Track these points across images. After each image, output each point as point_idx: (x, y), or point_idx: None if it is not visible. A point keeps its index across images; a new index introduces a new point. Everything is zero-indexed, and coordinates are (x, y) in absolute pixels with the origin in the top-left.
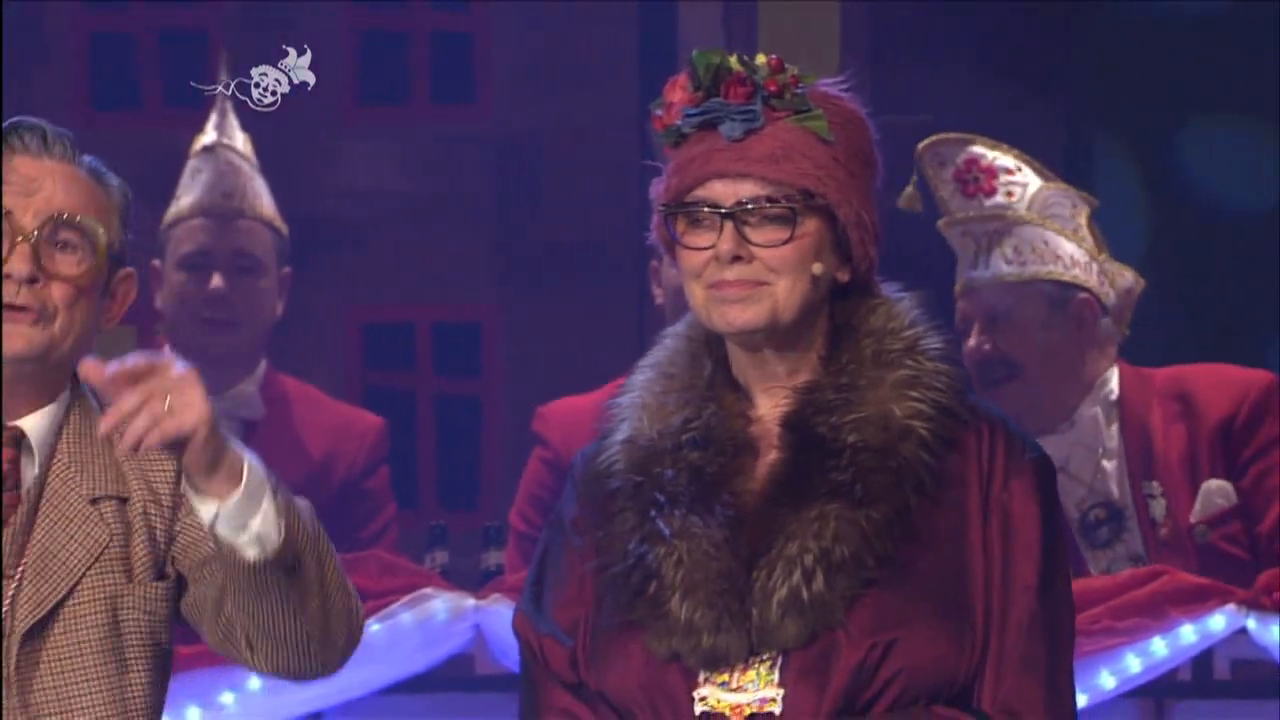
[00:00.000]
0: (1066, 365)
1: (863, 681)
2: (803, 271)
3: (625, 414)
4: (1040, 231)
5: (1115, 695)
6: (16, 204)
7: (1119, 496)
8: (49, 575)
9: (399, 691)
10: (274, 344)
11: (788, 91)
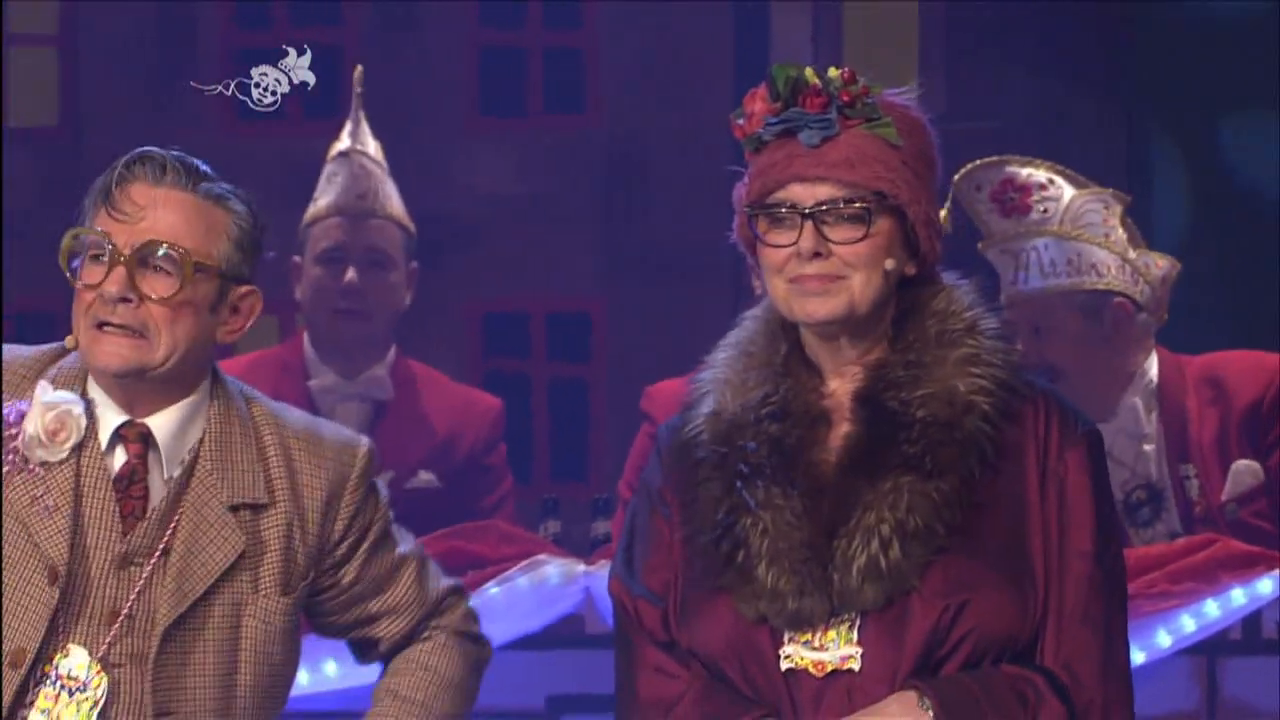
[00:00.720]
0: (1105, 365)
1: (936, 641)
2: (876, 267)
3: (708, 389)
4: (1073, 245)
5: (1171, 652)
6: (121, 230)
7: (1158, 478)
8: (190, 575)
9: (515, 649)
10: (402, 332)
11: (859, 101)
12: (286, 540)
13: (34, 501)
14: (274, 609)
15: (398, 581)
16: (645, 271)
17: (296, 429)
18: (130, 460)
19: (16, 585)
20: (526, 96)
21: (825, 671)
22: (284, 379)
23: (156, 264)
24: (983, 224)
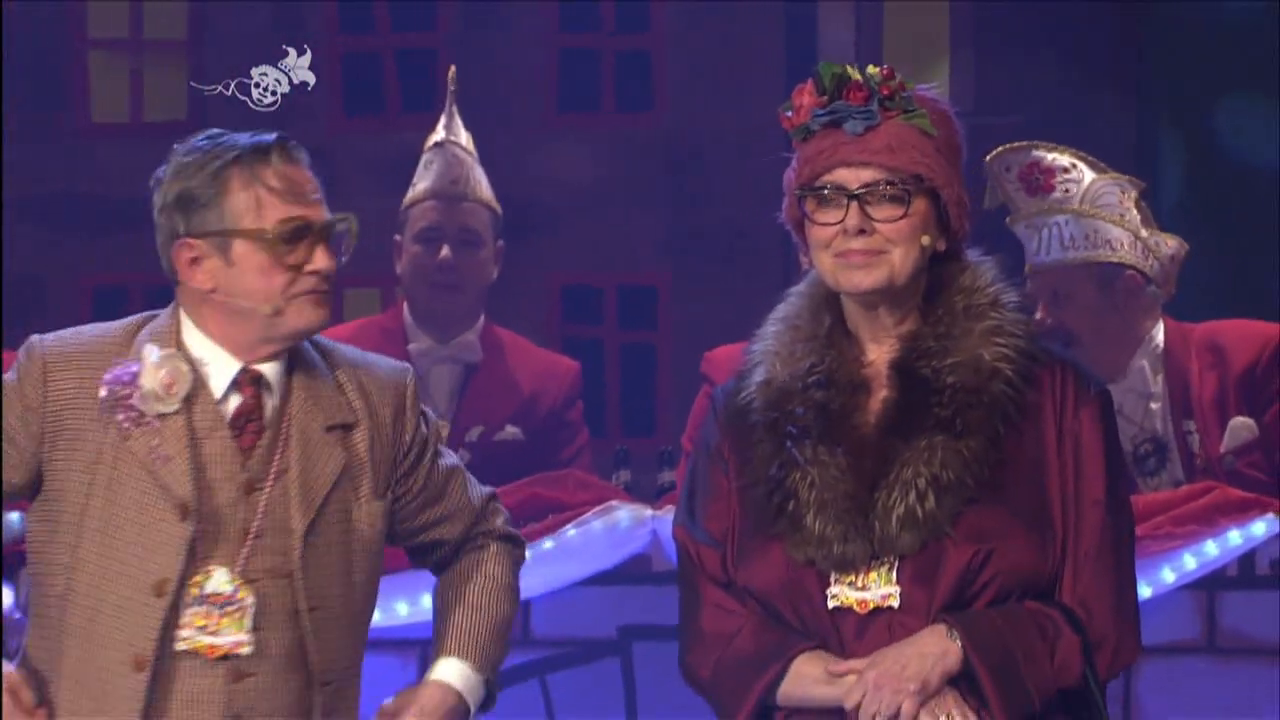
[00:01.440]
0: (1116, 332)
1: (966, 582)
2: (914, 242)
3: (759, 359)
4: (1091, 222)
5: (1174, 588)
6: (307, 208)
7: (1163, 433)
8: (308, 488)
9: (590, 584)
10: (490, 302)
11: (897, 95)
12: (371, 453)
13: (151, 450)
14: (375, 512)
15: (451, 490)
16: (705, 249)
17: (355, 358)
18: (246, 401)
19: (150, 525)
20: (599, 94)
21: (867, 609)
22: (385, 343)
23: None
24: (1010, 201)
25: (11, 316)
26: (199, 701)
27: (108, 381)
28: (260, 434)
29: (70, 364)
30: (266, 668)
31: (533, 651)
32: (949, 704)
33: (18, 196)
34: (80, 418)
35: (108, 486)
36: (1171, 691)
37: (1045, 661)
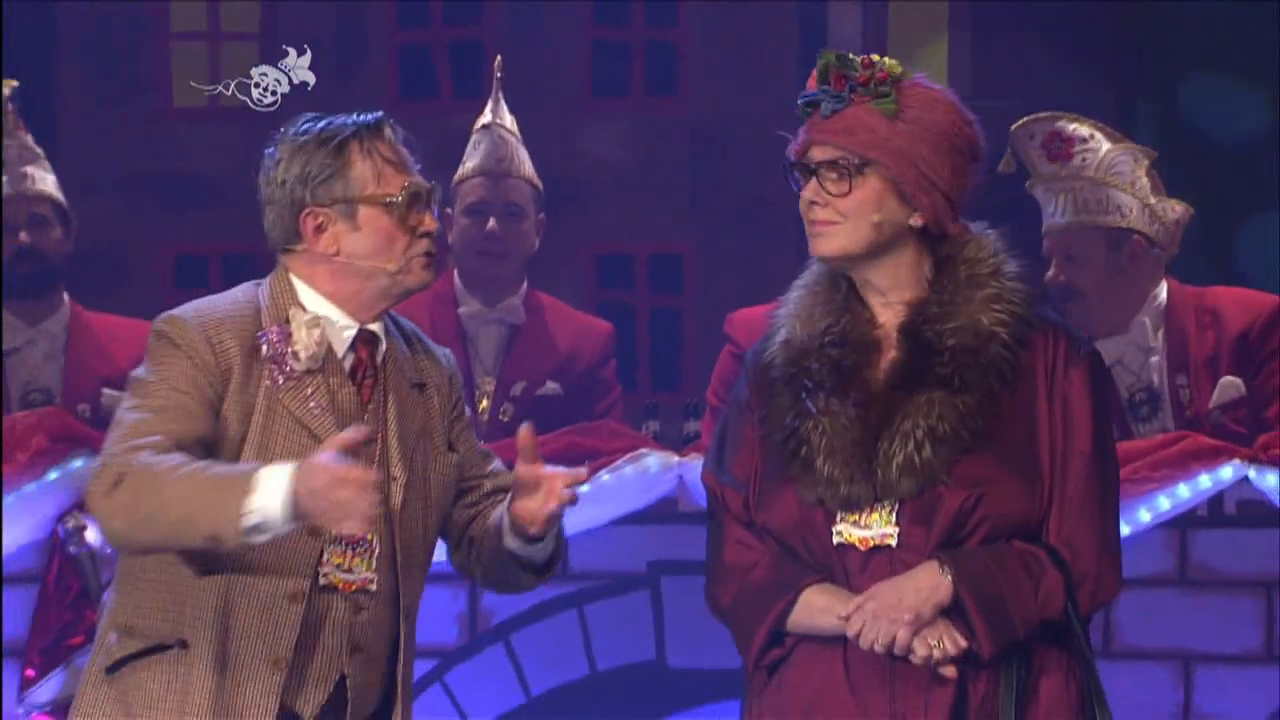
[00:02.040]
0: (1121, 290)
1: (959, 524)
2: (864, 217)
3: (783, 322)
4: (1104, 189)
5: (1150, 527)
6: (421, 180)
7: (1158, 384)
8: (405, 441)
9: (622, 524)
10: (532, 269)
11: (872, 82)
12: (439, 411)
13: (301, 402)
14: (448, 463)
15: (489, 464)
16: (726, 222)
17: (416, 330)
18: (361, 358)
19: None
20: (630, 82)
21: (869, 546)
22: (438, 307)
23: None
24: (1032, 166)
25: (97, 285)
26: (334, 632)
27: (262, 339)
28: (374, 388)
29: (224, 329)
30: (375, 602)
31: (570, 584)
32: (940, 633)
33: (104, 175)
34: (238, 375)
35: (261, 436)
36: (1146, 620)
37: (1030, 596)
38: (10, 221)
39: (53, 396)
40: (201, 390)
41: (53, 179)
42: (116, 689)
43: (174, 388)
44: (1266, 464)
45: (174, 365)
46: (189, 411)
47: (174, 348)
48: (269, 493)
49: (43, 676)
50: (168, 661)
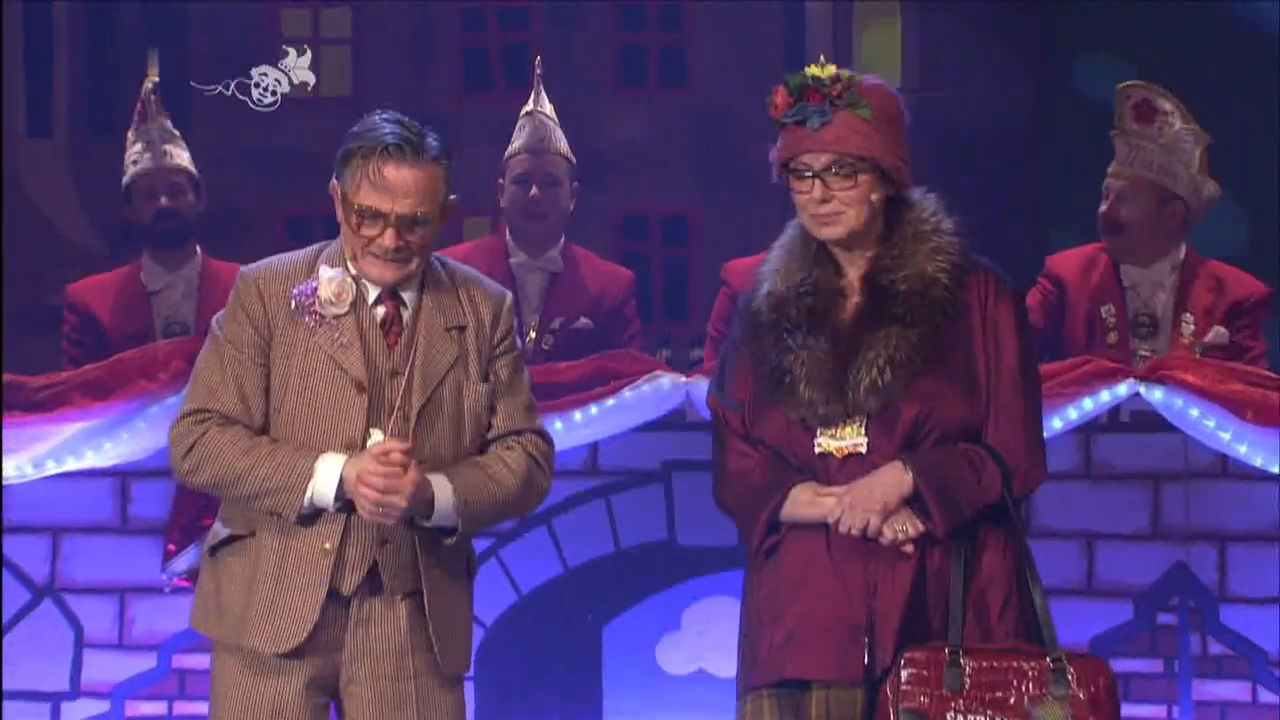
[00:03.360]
0: (1153, 236)
1: (916, 431)
2: (864, 202)
3: (766, 277)
4: (1167, 157)
5: (1061, 432)
6: (383, 202)
7: (1160, 315)
8: (429, 373)
9: (640, 431)
10: (569, 227)
11: (845, 93)
12: (477, 346)
13: (334, 342)
14: (480, 390)
15: (518, 393)
16: (724, 189)
17: (471, 276)
18: (388, 310)
19: (338, 397)
20: (647, 75)
21: (844, 454)
22: (493, 258)
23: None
24: (1121, 120)
25: (222, 239)
26: (366, 529)
27: (295, 294)
28: (400, 335)
29: (275, 281)
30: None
31: (599, 479)
32: (904, 518)
33: (229, 151)
34: (283, 320)
35: (301, 371)
36: (1058, 507)
37: (974, 486)
38: (152, 189)
39: (188, 328)
40: (249, 348)
41: (187, 154)
42: (213, 567)
43: (231, 351)
44: (1154, 382)
45: (232, 324)
46: (239, 379)
47: (237, 303)
48: (323, 484)
49: (179, 551)
50: (243, 547)
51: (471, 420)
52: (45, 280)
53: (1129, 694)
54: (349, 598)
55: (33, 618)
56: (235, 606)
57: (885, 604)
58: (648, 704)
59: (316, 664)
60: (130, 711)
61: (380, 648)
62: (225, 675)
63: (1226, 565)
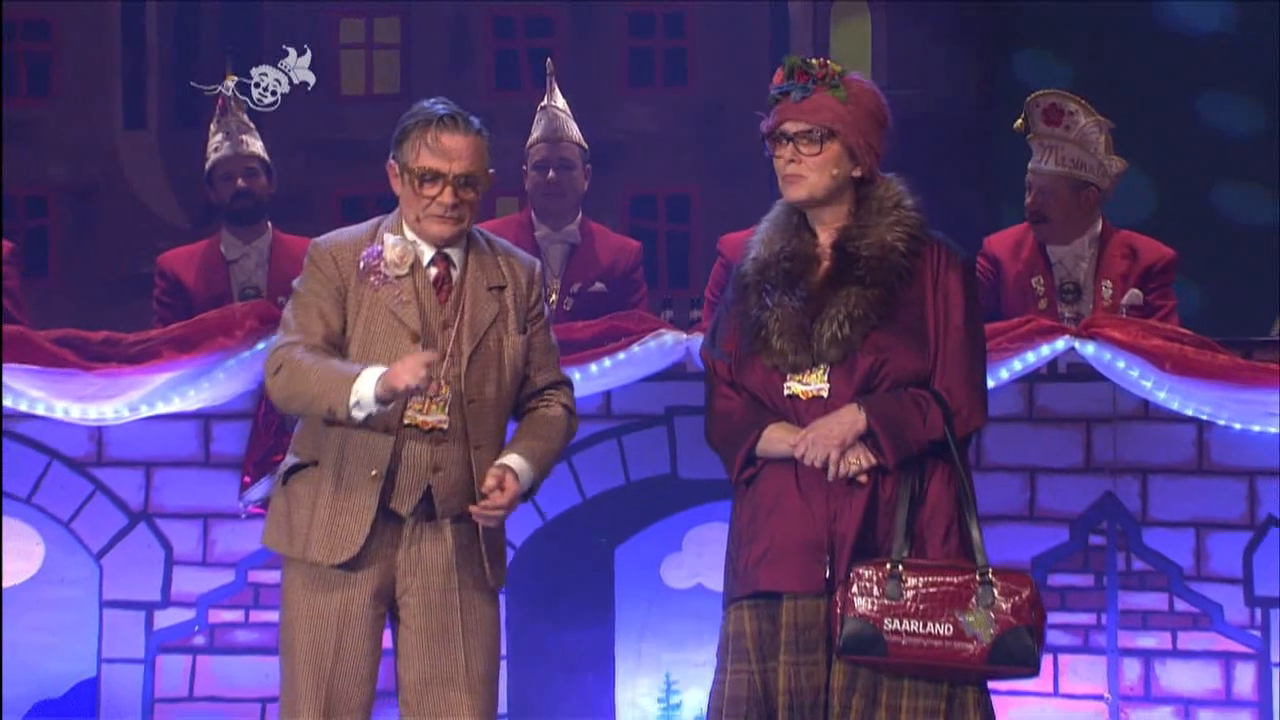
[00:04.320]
0: (1073, 218)
1: (871, 378)
2: (825, 171)
3: (753, 246)
4: (1077, 149)
5: (1008, 382)
6: (442, 164)
7: (1083, 282)
8: (476, 325)
9: (648, 380)
10: (586, 205)
11: (827, 77)
12: (515, 304)
13: (394, 298)
14: (518, 343)
15: (549, 350)
16: (722, 171)
17: (508, 247)
18: (440, 271)
19: (395, 345)
20: (654, 74)
21: (809, 397)
22: (520, 231)
23: (469, 182)
24: (1034, 125)
25: (290, 216)
26: (418, 456)
27: (364, 256)
28: (449, 293)
29: (344, 249)
30: (450, 437)
31: (611, 422)
32: (859, 452)
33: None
34: (352, 279)
35: (365, 323)
36: (1006, 446)
37: (920, 425)
38: (230, 173)
39: (261, 292)
40: (329, 296)
41: (260, 144)
42: (284, 492)
43: (313, 297)
44: (1086, 338)
45: (312, 280)
46: (323, 313)
47: (313, 266)
48: (365, 384)
49: (254, 482)
50: (308, 474)
51: (510, 366)
52: (139, 251)
53: (1065, 604)
54: (404, 519)
55: (129, 539)
56: (301, 525)
57: (844, 527)
58: (653, 614)
59: (375, 578)
60: (212, 619)
61: (430, 564)
62: (294, 587)
63: (1148, 494)
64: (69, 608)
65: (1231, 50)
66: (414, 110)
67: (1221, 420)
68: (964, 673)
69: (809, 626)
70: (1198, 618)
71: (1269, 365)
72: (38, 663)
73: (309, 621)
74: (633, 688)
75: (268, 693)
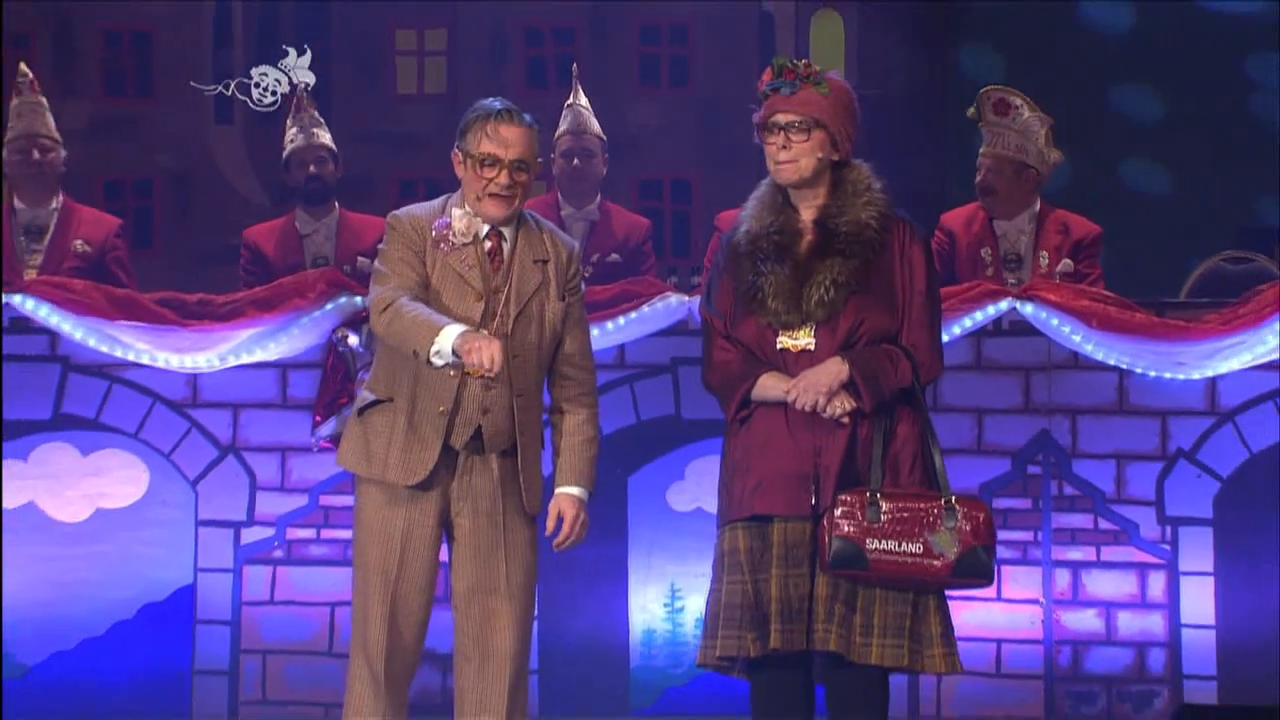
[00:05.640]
0: (1016, 196)
1: (851, 335)
2: (813, 155)
3: (745, 220)
4: (1020, 137)
5: (960, 336)
6: (499, 150)
7: (1024, 253)
8: (522, 291)
9: (655, 336)
10: (603, 188)
11: (811, 75)
12: (555, 276)
13: (461, 263)
14: (557, 308)
15: (582, 327)
16: (720, 159)
17: (549, 225)
18: (494, 244)
19: (462, 302)
20: (661, 76)
21: (798, 350)
22: (548, 210)
23: (521, 167)
24: (985, 115)
25: (354, 197)
26: (473, 399)
27: (436, 226)
28: (501, 263)
29: (419, 219)
30: (498, 385)
31: (624, 371)
32: (843, 398)
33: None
34: (427, 246)
35: (437, 280)
36: (956, 391)
37: (891, 374)
38: (303, 160)
39: (329, 261)
40: (412, 255)
41: (328, 135)
42: (361, 423)
43: (400, 255)
44: (1025, 300)
45: (397, 243)
46: (410, 265)
47: (395, 233)
48: (446, 339)
49: (324, 421)
50: (385, 408)
51: (549, 328)
52: (227, 227)
53: (1007, 523)
54: (459, 452)
55: (220, 468)
56: (379, 451)
57: (827, 460)
58: (660, 533)
59: (435, 501)
60: (289, 535)
61: (479, 491)
62: (368, 504)
63: (1077, 431)
64: (170, 526)
65: (1138, 48)
66: (476, 106)
67: (1139, 369)
68: (930, 584)
69: (796, 545)
70: (1118, 534)
71: (1178, 322)
72: (144, 572)
73: (381, 536)
74: (643, 595)
75: (336, 598)
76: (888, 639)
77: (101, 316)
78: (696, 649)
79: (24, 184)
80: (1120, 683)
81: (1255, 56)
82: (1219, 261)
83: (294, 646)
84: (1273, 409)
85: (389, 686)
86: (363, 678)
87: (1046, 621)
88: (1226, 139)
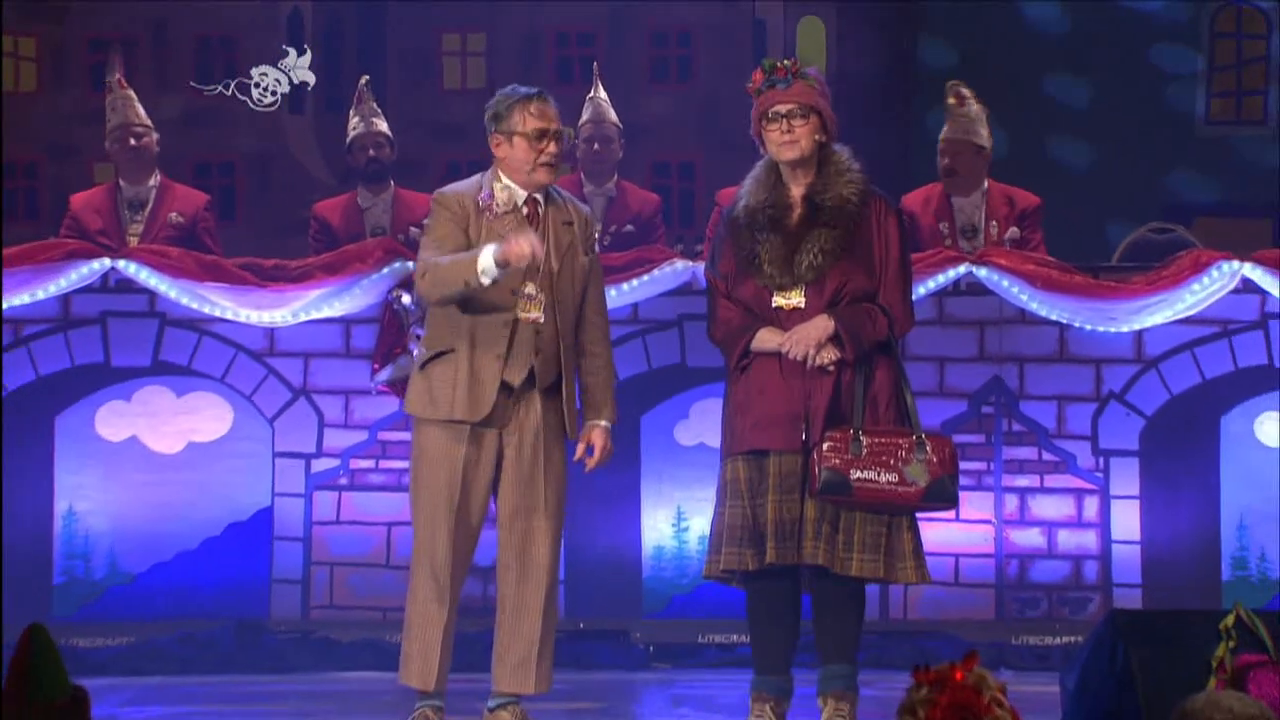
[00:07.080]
0: (972, 174)
1: (836, 295)
2: (811, 138)
3: (742, 195)
4: (973, 124)
5: (925, 296)
6: (547, 123)
7: (977, 223)
8: (558, 250)
9: (664, 296)
10: (619, 169)
11: (801, 71)
12: (580, 236)
13: (505, 227)
14: (585, 261)
15: (598, 277)
16: (719, 144)
17: (568, 194)
18: (530, 210)
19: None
20: (667, 74)
21: (791, 308)
22: (572, 188)
23: (559, 137)
24: (947, 107)
25: (406, 176)
26: (525, 342)
27: (480, 198)
28: (539, 226)
29: (462, 194)
30: (545, 329)
31: (638, 326)
32: (830, 349)
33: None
34: (473, 215)
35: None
36: (923, 342)
37: (871, 329)
38: (364, 145)
39: (386, 231)
40: (454, 227)
41: (385, 124)
42: (424, 375)
43: (443, 230)
44: (980, 265)
45: (441, 215)
46: (453, 235)
47: (441, 208)
48: (485, 257)
49: (382, 368)
50: (446, 359)
51: (580, 278)
52: (299, 201)
53: (965, 455)
54: (513, 390)
55: (293, 408)
56: (443, 395)
57: (816, 403)
58: (668, 465)
59: (491, 434)
60: (352, 465)
61: (527, 424)
62: (430, 442)
63: (1024, 377)
64: (250, 456)
65: (1069, 44)
66: (503, 93)
67: (1077, 323)
68: (904, 508)
69: (789, 474)
70: (1058, 464)
71: (1110, 284)
72: (229, 496)
73: (446, 467)
74: (654, 516)
75: (393, 519)
76: (866, 554)
77: (192, 279)
78: (700, 563)
79: (125, 166)
80: (1060, 590)
81: (1169, 49)
82: (1145, 232)
83: (356, 560)
84: (1189, 358)
85: (452, 593)
86: (427, 586)
87: (998, 539)
88: (1144, 122)
